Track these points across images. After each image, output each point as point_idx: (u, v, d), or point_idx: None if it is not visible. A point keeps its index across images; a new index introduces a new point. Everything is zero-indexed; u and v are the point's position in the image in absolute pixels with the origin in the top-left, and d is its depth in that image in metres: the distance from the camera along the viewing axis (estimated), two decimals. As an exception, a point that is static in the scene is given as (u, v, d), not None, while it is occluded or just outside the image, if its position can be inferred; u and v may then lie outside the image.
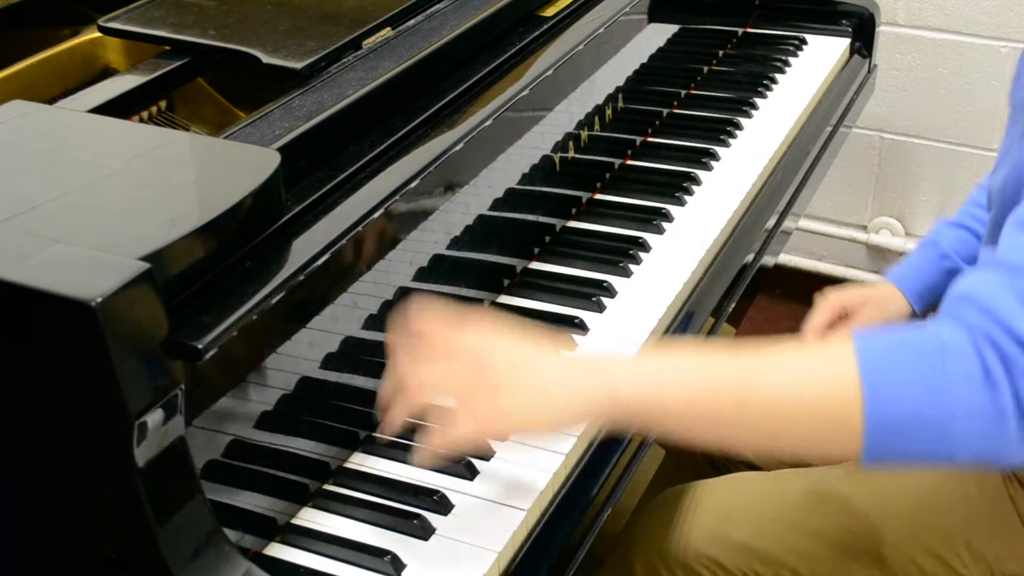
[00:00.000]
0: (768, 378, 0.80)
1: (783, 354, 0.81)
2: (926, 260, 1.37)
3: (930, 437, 0.77)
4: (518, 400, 0.84)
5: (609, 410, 0.84)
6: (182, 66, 1.12)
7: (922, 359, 0.77)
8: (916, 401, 0.77)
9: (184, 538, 0.81)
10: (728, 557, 1.20)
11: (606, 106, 1.43)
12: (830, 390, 0.78)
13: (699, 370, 0.82)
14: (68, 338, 0.74)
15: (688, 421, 0.83)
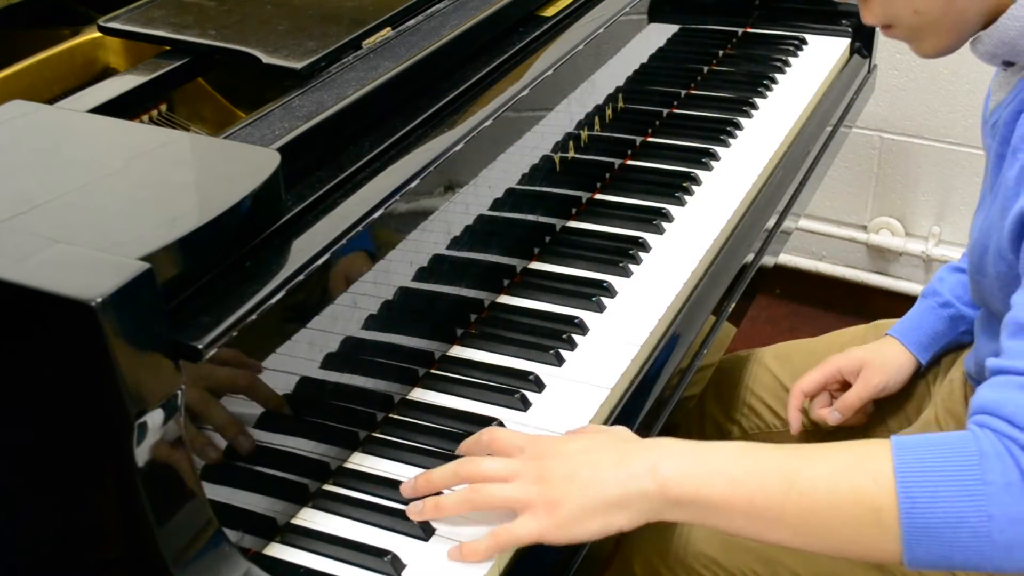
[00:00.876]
0: (807, 474, 0.82)
1: (824, 452, 0.83)
2: (928, 309, 1.34)
3: (970, 543, 0.78)
4: (576, 508, 0.87)
5: (658, 508, 0.86)
6: (182, 66, 1.12)
7: (959, 465, 0.79)
8: (953, 507, 0.78)
9: (184, 538, 0.81)
10: (727, 556, 1.20)
11: (606, 106, 1.43)
12: (866, 492, 0.80)
13: (743, 467, 0.84)
14: (68, 338, 0.74)
15: (733, 516, 0.85)
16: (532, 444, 0.92)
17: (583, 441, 0.92)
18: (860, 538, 0.81)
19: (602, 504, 0.86)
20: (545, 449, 0.91)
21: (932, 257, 2.39)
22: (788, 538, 0.85)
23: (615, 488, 0.86)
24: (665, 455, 0.87)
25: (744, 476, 0.84)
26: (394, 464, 1.02)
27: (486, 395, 1.09)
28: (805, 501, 0.82)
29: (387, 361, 1.08)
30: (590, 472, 0.87)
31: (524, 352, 1.15)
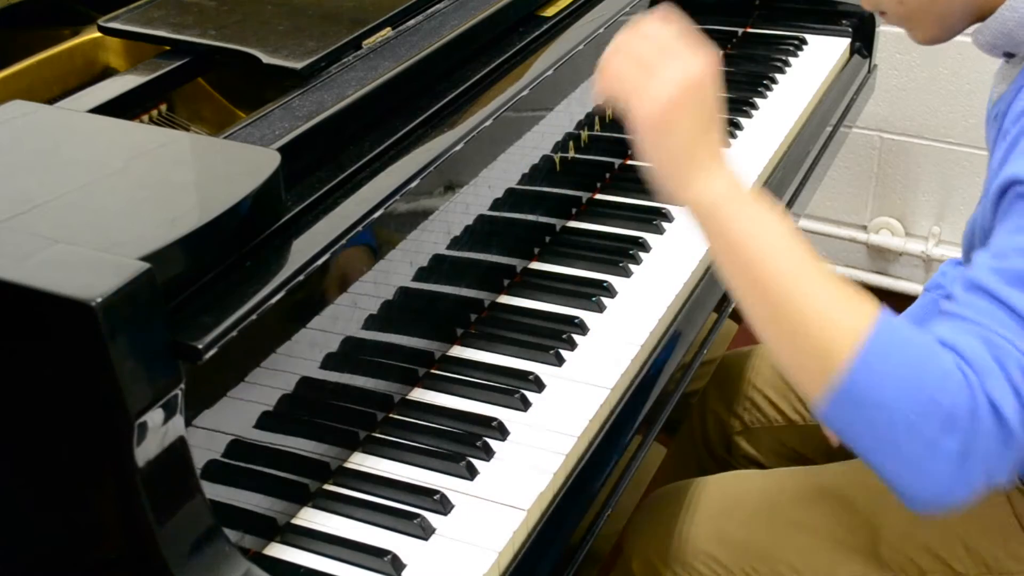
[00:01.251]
0: (804, 286, 0.84)
1: (827, 284, 0.84)
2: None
3: (882, 440, 0.82)
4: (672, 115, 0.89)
5: (686, 202, 0.90)
6: (182, 66, 1.12)
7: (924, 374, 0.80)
8: (892, 401, 0.80)
9: (184, 538, 0.81)
10: (726, 554, 1.20)
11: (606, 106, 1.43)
12: (834, 330, 0.82)
13: (770, 233, 0.87)
14: (68, 338, 0.74)
15: (728, 258, 0.88)
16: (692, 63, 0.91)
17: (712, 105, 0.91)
18: (800, 362, 0.85)
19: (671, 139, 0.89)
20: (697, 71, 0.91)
21: (932, 257, 2.39)
22: (751, 310, 0.87)
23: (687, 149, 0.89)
24: (724, 179, 0.89)
25: (763, 240, 0.86)
26: (394, 464, 1.02)
27: (486, 395, 1.10)
28: (785, 295, 0.85)
29: (387, 361, 1.08)
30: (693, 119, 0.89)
31: (524, 352, 1.15)
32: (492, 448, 1.03)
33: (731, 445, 1.48)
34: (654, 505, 1.30)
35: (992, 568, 1.13)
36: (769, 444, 1.45)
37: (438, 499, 0.97)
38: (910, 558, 1.15)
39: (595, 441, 1.07)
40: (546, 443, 1.04)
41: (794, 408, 1.43)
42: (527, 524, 0.97)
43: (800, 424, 1.43)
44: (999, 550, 1.13)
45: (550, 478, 1.00)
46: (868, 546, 1.16)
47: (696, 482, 1.29)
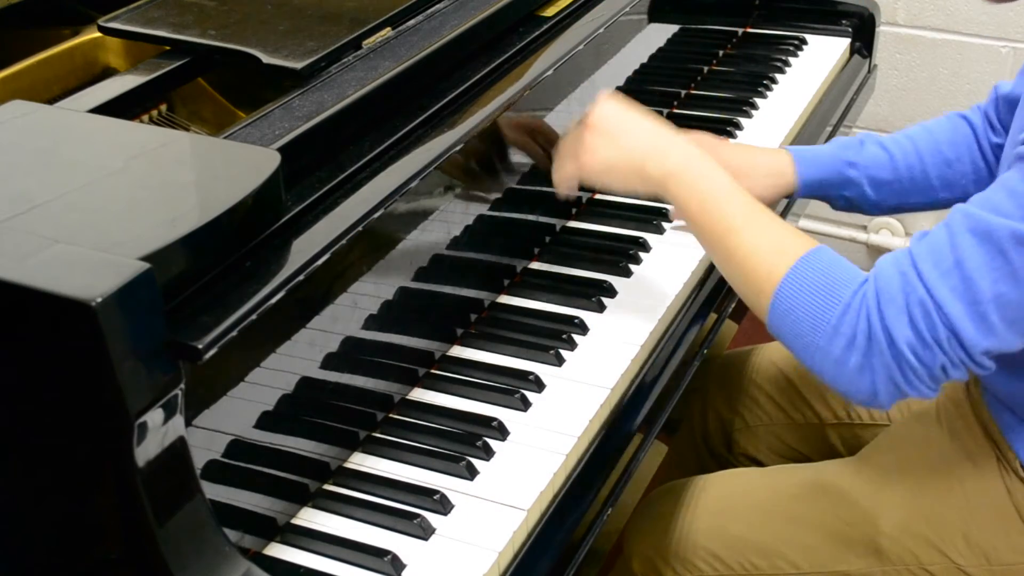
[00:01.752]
0: (746, 236, 1.06)
1: (764, 230, 1.06)
2: (834, 159, 1.33)
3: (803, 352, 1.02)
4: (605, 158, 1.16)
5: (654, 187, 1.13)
6: (182, 66, 1.12)
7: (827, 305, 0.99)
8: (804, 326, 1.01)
9: (184, 538, 0.81)
10: (726, 550, 1.20)
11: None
12: (766, 270, 1.04)
13: (716, 200, 1.09)
14: (68, 338, 0.74)
15: (690, 218, 1.11)
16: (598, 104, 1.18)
17: (634, 114, 1.17)
18: (750, 293, 1.06)
19: (622, 161, 1.14)
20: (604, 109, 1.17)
21: (932, 257, 2.39)
22: (713, 258, 1.12)
23: (634, 157, 1.14)
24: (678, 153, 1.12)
25: (713, 207, 1.09)
26: (394, 464, 1.02)
27: (486, 395, 1.10)
28: (736, 250, 1.07)
29: (387, 361, 1.08)
30: (625, 141, 1.14)
31: (524, 352, 1.15)
32: (492, 448, 1.03)
33: (731, 443, 1.48)
34: (654, 503, 1.30)
35: (992, 559, 1.13)
36: (769, 442, 1.45)
37: (438, 499, 0.97)
38: (910, 551, 1.15)
39: (595, 441, 1.07)
40: (546, 443, 1.04)
41: (794, 406, 1.43)
42: (527, 524, 0.97)
43: (800, 422, 1.43)
44: (999, 541, 1.14)
45: (550, 478, 1.00)
46: (868, 540, 1.16)
47: (696, 480, 1.29)
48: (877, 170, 1.33)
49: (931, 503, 1.16)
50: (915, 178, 1.32)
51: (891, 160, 1.33)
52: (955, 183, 1.32)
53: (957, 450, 1.18)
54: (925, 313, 0.95)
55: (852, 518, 1.18)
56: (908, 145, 1.33)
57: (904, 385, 0.98)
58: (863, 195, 1.34)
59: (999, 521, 1.14)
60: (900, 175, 1.32)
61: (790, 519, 1.20)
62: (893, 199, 1.34)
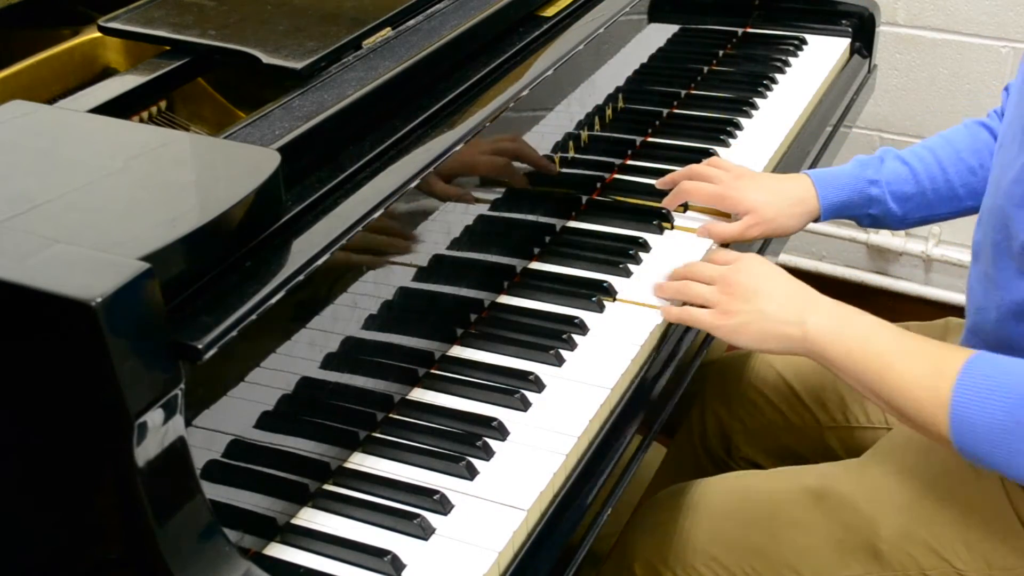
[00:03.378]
0: (898, 370, 1.04)
1: (915, 356, 1.04)
2: (856, 179, 1.34)
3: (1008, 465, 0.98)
4: (741, 322, 1.14)
5: (797, 347, 1.12)
6: (182, 66, 1.12)
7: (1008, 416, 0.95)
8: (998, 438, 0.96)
9: (184, 538, 0.81)
10: (727, 554, 1.20)
11: (606, 106, 1.43)
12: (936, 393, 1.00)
13: (860, 346, 1.07)
14: (68, 338, 0.74)
15: (844, 375, 1.10)
16: (740, 260, 1.19)
17: (774, 277, 1.16)
18: (926, 426, 1.02)
19: (759, 329, 1.13)
20: (741, 268, 1.17)
21: (932, 257, 2.39)
22: (876, 400, 1.08)
23: (773, 323, 1.12)
24: (817, 312, 1.11)
25: (859, 355, 1.07)
26: (394, 464, 1.02)
27: (486, 395, 1.10)
28: (895, 389, 1.04)
29: (387, 361, 1.08)
30: (763, 303, 1.13)
31: (524, 352, 1.15)
32: (492, 448, 1.03)
33: (730, 446, 1.48)
34: (655, 507, 1.30)
35: (992, 564, 1.13)
36: (767, 445, 1.45)
37: (438, 499, 0.97)
38: (910, 555, 1.15)
39: (595, 441, 1.07)
40: (546, 443, 1.04)
41: (793, 409, 1.43)
42: (527, 524, 0.97)
43: (799, 425, 1.43)
44: (999, 546, 1.13)
45: (550, 478, 1.00)
46: (868, 545, 1.16)
47: (696, 483, 1.29)
48: (900, 184, 1.33)
49: (931, 508, 1.16)
50: (939, 189, 1.32)
51: (913, 173, 1.33)
52: (981, 190, 1.30)
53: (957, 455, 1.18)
54: None
55: (852, 522, 1.18)
56: (928, 156, 1.33)
57: None
58: (888, 211, 1.33)
59: (999, 526, 1.14)
60: (924, 187, 1.32)
61: (791, 523, 1.20)
62: (919, 212, 1.34)
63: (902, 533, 1.15)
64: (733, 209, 1.33)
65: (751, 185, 1.34)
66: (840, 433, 1.40)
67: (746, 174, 1.37)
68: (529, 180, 1.27)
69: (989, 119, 1.33)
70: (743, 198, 1.33)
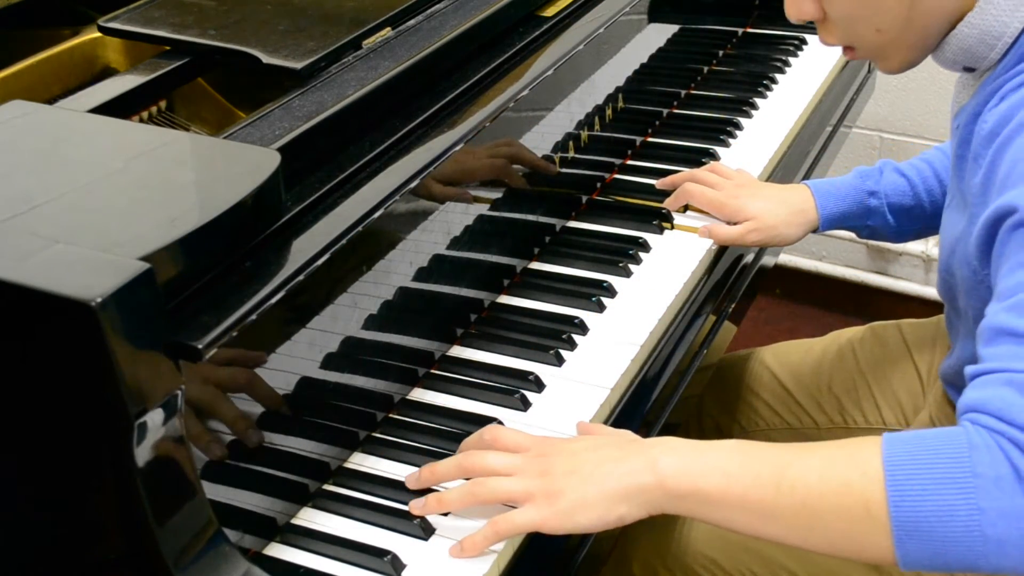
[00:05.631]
0: (798, 468, 0.83)
1: (816, 448, 0.85)
2: (855, 190, 1.34)
3: (961, 539, 0.78)
4: (577, 498, 0.88)
5: (658, 501, 0.88)
6: (182, 66, 1.12)
7: (948, 457, 0.79)
8: (943, 499, 0.78)
9: (184, 538, 0.81)
10: (725, 556, 1.20)
11: (606, 106, 1.43)
12: (855, 485, 0.80)
13: (737, 462, 0.86)
14: (68, 338, 0.74)
15: (730, 511, 0.86)
16: (536, 442, 0.93)
17: (586, 441, 0.94)
18: (852, 534, 0.81)
19: (602, 496, 0.88)
20: (548, 447, 0.93)
21: (932, 257, 2.39)
22: (783, 534, 0.85)
23: (616, 481, 0.88)
24: (665, 451, 0.89)
25: (738, 470, 0.85)
26: (394, 464, 1.02)
27: (486, 395, 1.10)
28: (797, 495, 0.83)
29: (387, 361, 1.08)
30: (592, 468, 0.89)
31: (524, 352, 1.15)
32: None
33: (729, 449, 1.47)
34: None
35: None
36: (766, 448, 1.44)
37: (438, 499, 0.97)
38: None
39: (595, 441, 1.07)
40: (546, 443, 1.04)
41: (791, 411, 1.43)
42: (527, 524, 0.97)
43: (797, 427, 1.43)
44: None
45: (550, 478, 1.00)
46: None
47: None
48: (898, 197, 1.33)
49: None
50: (937, 201, 1.32)
51: (911, 186, 1.33)
52: None
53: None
54: None
55: None
56: (926, 169, 1.34)
57: None
58: (886, 223, 1.34)
59: None
60: (921, 200, 1.33)
61: None
62: (917, 224, 1.34)
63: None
64: (734, 217, 1.34)
65: (753, 193, 1.35)
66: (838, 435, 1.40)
67: (748, 182, 1.37)
68: (529, 180, 1.27)
69: None
70: (744, 207, 1.33)
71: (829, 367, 1.41)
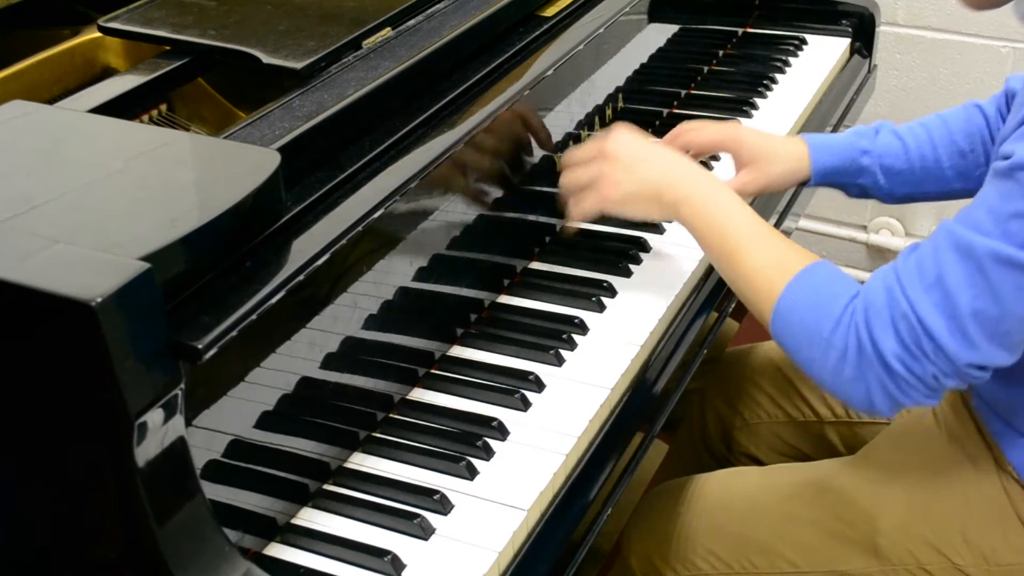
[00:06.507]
0: (751, 255, 1.11)
1: (768, 247, 1.11)
2: (849, 147, 1.34)
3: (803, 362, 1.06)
4: (627, 189, 1.20)
5: (670, 211, 1.18)
6: (182, 66, 1.12)
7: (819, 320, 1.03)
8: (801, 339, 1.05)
9: (184, 538, 0.81)
10: (725, 549, 1.20)
11: (606, 106, 1.43)
12: (767, 288, 1.08)
13: (722, 223, 1.13)
14: (68, 338, 0.74)
15: (700, 239, 1.16)
16: (612, 136, 1.22)
17: (651, 146, 1.23)
18: (754, 304, 1.10)
19: (641, 191, 1.19)
20: (619, 142, 1.21)
21: (932, 257, 2.39)
22: (723, 273, 1.15)
23: (652, 187, 1.18)
24: (692, 183, 1.17)
25: (719, 228, 1.13)
26: (394, 464, 1.02)
27: (486, 395, 1.10)
28: (741, 268, 1.11)
29: (387, 361, 1.08)
30: (645, 171, 1.19)
31: (524, 352, 1.15)
32: (492, 448, 1.03)
33: (731, 442, 1.48)
34: (653, 501, 1.30)
35: (991, 560, 1.13)
36: (769, 441, 1.45)
37: (438, 499, 0.97)
38: (909, 551, 1.15)
39: (595, 441, 1.07)
40: (546, 443, 1.04)
41: (794, 405, 1.43)
42: (527, 524, 0.97)
43: (800, 420, 1.43)
44: (997, 542, 1.14)
45: (550, 478, 1.00)
46: (866, 540, 1.16)
47: (695, 478, 1.29)
48: (891, 159, 1.34)
49: (930, 503, 1.16)
50: (928, 168, 1.33)
51: (905, 149, 1.33)
52: (969, 174, 1.32)
53: (956, 451, 1.18)
54: (909, 327, 0.97)
55: (851, 517, 1.18)
56: (923, 134, 1.34)
57: (899, 395, 1.00)
58: (876, 183, 1.34)
59: (998, 522, 1.14)
60: (913, 165, 1.33)
61: (789, 518, 1.20)
62: (906, 188, 1.35)
63: (901, 528, 1.16)
64: (736, 150, 1.34)
65: (749, 131, 1.35)
66: (840, 428, 1.41)
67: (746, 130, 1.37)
68: (530, 180, 1.27)
69: (988, 103, 1.34)
70: (744, 141, 1.33)
71: None
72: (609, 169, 1.20)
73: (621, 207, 1.21)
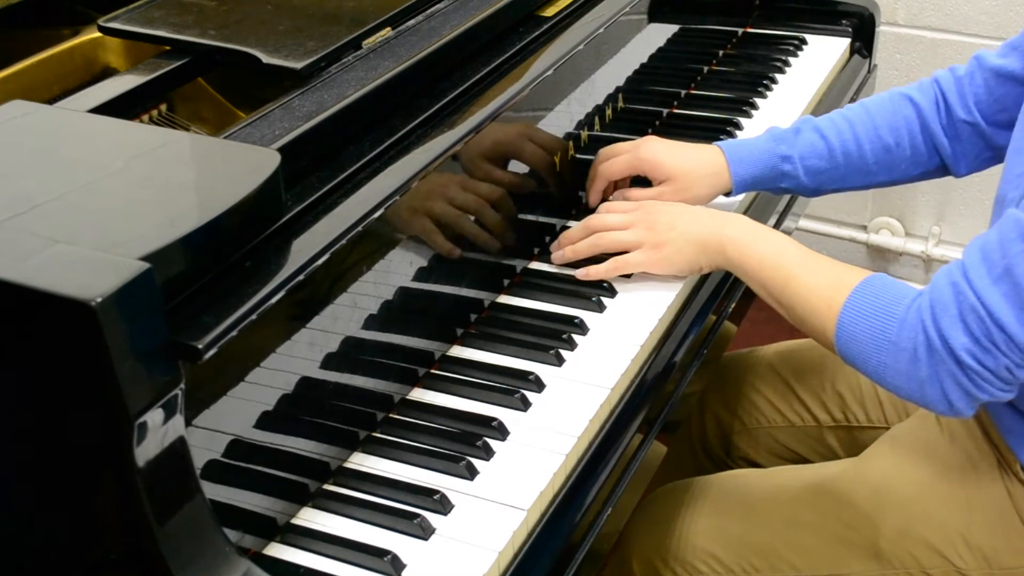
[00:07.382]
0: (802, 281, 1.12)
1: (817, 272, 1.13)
2: (768, 155, 1.32)
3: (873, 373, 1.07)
4: (675, 249, 1.22)
5: (719, 259, 1.20)
6: (182, 66, 1.12)
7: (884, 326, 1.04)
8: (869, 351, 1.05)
9: (184, 538, 0.81)
10: (725, 551, 1.20)
11: (606, 106, 1.43)
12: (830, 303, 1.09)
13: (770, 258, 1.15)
14: (68, 338, 0.74)
15: (751, 274, 1.17)
16: (642, 204, 1.25)
17: (679, 206, 1.25)
18: (816, 330, 1.11)
19: (687, 250, 1.21)
20: (652, 208, 1.24)
21: (932, 257, 2.39)
22: (778, 304, 1.15)
23: (699, 238, 1.20)
24: (735, 226, 1.19)
25: (771, 260, 1.15)
26: (394, 464, 1.02)
27: (486, 395, 1.10)
28: (798, 292, 1.12)
29: (387, 361, 1.08)
30: (685, 226, 1.21)
31: (524, 352, 1.15)
32: (492, 448, 1.03)
33: (730, 446, 1.48)
34: (654, 504, 1.30)
35: (992, 563, 1.13)
36: (768, 445, 1.45)
37: (438, 499, 0.97)
38: (910, 554, 1.15)
39: (595, 441, 1.07)
40: (546, 443, 1.04)
41: (792, 409, 1.43)
42: (527, 524, 0.97)
43: (798, 425, 1.43)
44: (999, 545, 1.14)
45: (550, 478, 1.00)
46: (868, 542, 1.16)
47: (696, 481, 1.29)
48: (814, 159, 1.32)
49: (931, 506, 1.16)
50: (852, 163, 1.32)
51: (828, 147, 1.31)
52: (894, 167, 1.32)
53: (957, 453, 1.18)
54: (978, 319, 0.97)
55: (852, 520, 1.18)
56: (846, 130, 1.32)
57: (974, 390, 1.00)
58: (800, 185, 1.33)
59: (1000, 524, 1.14)
60: (837, 162, 1.32)
61: (790, 521, 1.20)
62: (831, 184, 1.35)
63: (902, 531, 1.16)
64: (653, 172, 1.31)
65: (665, 148, 1.32)
66: (839, 432, 1.40)
67: (651, 139, 1.34)
68: (530, 180, 1.27)
69: (919, 91, 1.32)
70: (662, 161, 1.31)
71: (832, 365, 1.41)
72: (651, 234, 1.21)
73: (666, 265, 1.22)
